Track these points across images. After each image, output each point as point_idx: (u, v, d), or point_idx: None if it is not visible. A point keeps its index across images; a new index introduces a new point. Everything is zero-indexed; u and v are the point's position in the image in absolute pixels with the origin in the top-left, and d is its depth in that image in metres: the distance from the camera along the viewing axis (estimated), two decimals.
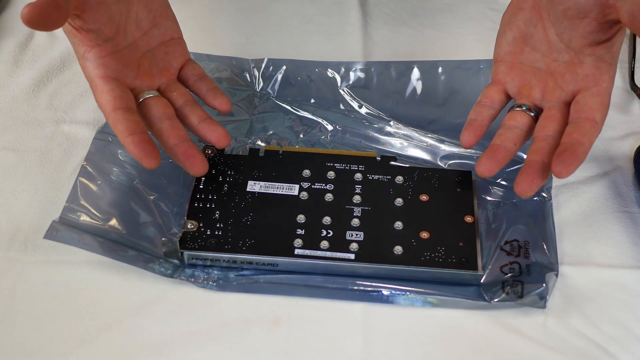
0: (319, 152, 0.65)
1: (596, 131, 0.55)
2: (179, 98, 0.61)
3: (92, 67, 0.58)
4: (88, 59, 0.58)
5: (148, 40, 0.61)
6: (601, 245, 0.60)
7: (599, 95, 0.56)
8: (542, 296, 0.55)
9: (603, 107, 0.56)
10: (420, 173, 0.63)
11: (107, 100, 0.57)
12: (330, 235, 0.58)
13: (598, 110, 0.55)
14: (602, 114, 0.56)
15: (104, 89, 0.57)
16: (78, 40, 0.58)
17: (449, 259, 0.57)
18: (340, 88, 0.70)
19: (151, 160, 0.55)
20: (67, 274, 0.57)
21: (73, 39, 0.58)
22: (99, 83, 0.57)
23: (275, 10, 0.80)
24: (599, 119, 0.55)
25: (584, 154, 0.54)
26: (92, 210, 0.60)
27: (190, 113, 0.61)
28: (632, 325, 0.55)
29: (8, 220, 0.61)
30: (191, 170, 0.58)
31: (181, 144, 0.58)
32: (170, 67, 0.62)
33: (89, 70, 0.58)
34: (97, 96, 0.58)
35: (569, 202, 0.63)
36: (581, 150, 0.53)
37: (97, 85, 0.58)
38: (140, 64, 0.60)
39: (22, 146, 0.66)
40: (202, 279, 0.57)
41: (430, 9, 0.81)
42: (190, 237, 0.57)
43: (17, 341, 0.54)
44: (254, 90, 0.70)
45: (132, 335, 0.54)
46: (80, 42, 0.58)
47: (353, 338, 0.54)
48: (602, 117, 0.55)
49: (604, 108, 0.56)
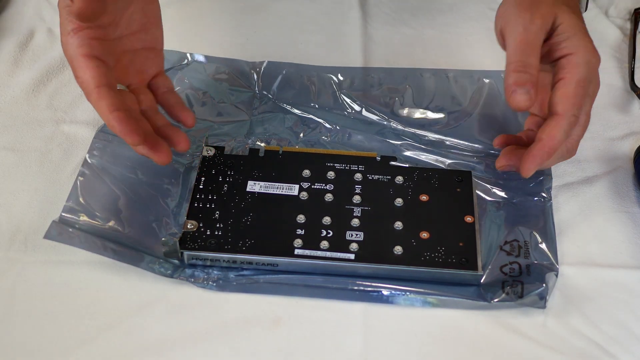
0: (318, 152, 0.65)
1: (558, 122, 0.56)
2: (145, 101, 0.61)
3: (77, 44, 0.57)
4: (74, 37, 0.57)
5: (133, 41, 0.61)
6: (601, 245, 0.60)
7: (563, 86, 0.57)
8: (542, 296, 0.55)
9: (565, 99, 0.56)
10: (420, 173, 0.63)
11: (92, 76, 0.56)
12: (330, 236, 0.58)
13: (560, 103, 0.56)
14: (565, 105, 0.56)
15: (88, 64, 0.56)
16: (72, 17, 0.57)
17: (449, 259, 0.57)
18: (341, 92, 0.70)
19: (135, 137, 0.55)
20: (67, 274, 0.57)
21: (67, 16, 0.57)
22: (82, 60, 0.57)
23: (275, 10, 0.80)
24: (561, 110, 0.56)
25: (540, 150, 0.56)
26: (91, 211, 0.60)
27: (153, 117, 0.61)
28: (632, 325, 0.55)
29: (8, 220, 0.61)
30: (156, 159, 0.58)
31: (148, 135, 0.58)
32: (145, 72, 0.62)
33: (72, 48, 0.57)
34: (80, 72, 0.57)
35: (569, 202, 0.63)
36: (537, 148, 0.56)
37: (79, 62, 0.57)
38: (120, 60, 0.60)
39: (22, 146, 0.66)
40: (202, 279, 0.57)
41: (430, 9, 0.81)
42: (190, 237, 0.57)
43: (17, 341, 0.54)
44: (254, 92, 0.70)
45: (132, 335, 0.54)
46: (74, 20, 0.57)
47: (353, 338, 0.54)
48: (564, 108, 0.56)
49: (566, 99, 0.56)
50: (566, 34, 0.58)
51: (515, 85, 0.56)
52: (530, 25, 0.57)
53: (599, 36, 0.79)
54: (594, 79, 0.58)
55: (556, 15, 0.58)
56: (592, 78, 0.58)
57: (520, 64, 0.57)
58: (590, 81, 0.58)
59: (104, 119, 0.56)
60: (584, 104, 0.58)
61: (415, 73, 0.71)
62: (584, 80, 0.57)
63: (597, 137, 0.68)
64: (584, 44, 0.57)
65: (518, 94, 0.56)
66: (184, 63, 0.71)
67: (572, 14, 0.58)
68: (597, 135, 0.69)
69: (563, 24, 0.58)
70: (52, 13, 0.78)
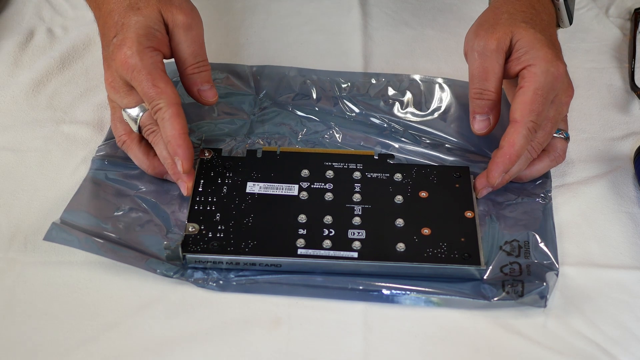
0: (316, 151, 0.65)
1: (516, 129, 0.58)
2: None
3: (158, 61, 0.59)
4: (153, 53, 0.59)
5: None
6: (601, 245, 0.60)
7: (521, 95, 0.59)
8: (543, 295, 0.55)
9: (522, 105, 0.58)
10: (418, 170, 0.63)
11: (175, 92, 0.58)
12: (332, 235, 0.58)
13: (517, 110, 0.59)
14: (522, 111, 0.58)
15: (169, 81, 0.59)
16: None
17: (451, 255, 0.57)
18: (340, 97, 0.70)
19: (190, 164, 0.58)
20: (66, 274, 0.57)
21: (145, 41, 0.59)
22: (164, 75, 0.59)
23: (275, 10, 0.80)
24: (519, 117, 0.58)
25: (502, 157, 0.58)
26: (91, 212, 0.60)
27: None
28: (632, 326, 0.55)
29: (8, 221, 0.61)
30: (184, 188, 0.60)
31: None
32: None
33: (153, 61, 0.58)
34: (161, 83, 0.58)
35: (569, 202, 0.63)
36: (499, 155, 0.59)
37: (162, 76, 0.58)
38: None
39: (22, 146, 0.66)
40: (202, 279, 0.57)
41: (430, 9, 0.81)
42: (192, 240, 0.57)
43: (17, 341, 0.54)
44: (254, 96, 0.70)
45: (132, 335, 0.54)
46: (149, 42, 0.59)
47: (353, 338, 0.54)
48: (522, 114, 0.58)
49: (523, 106, 0.58)
50: (524, 48, 0.60)
51: (474, 113, 0.62)
52: (485, 50, 0.61)
53: (599, 36, 0.79)
54: (559, 86, 0.60)
55: (513, 34, 0.61)
56: (554, 86, 0.59)
57: (478, 90, 0.61)
58: (552, 89, 0.59)
59: (171, 136, 0.57)
60: (544, 111, 0.59)
61: (414, 79, 0.71)
62: (542, 88, 0.59)
63: (597, 137, 0.68)
64: (542, 55, 0.59)
65: (477, 122, 0.62)
66: None
67: (529, 29, 0.61)
68: (597, 135, 0.69)
69: (521, 40, 0.60)
70: (52, 13, 0.78)
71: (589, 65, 0.76)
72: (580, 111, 0.70)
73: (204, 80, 0.62)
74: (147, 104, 0.58)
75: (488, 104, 0.61)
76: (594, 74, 0.74)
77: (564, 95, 0.61)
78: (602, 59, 0.76)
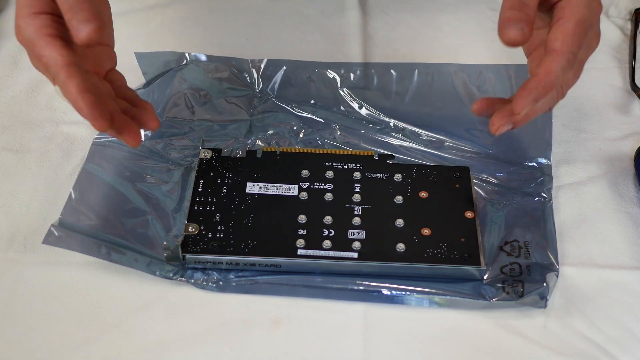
0: (316, 152, 0.65)
1: (555, 58, 0.52)
2: (105, 88, 0.57)
3: (41, 25, 0.52)
4: (36, 18, 0.53)
5: None
6: (601, 245, 0.60)
7: (562, 25, 0.53)
8: (543, 296, 0.55)
9: (564, 35, 0.52)
10: (418, 170, 0.63)
11: (60, 54, 0.52)
12: (332, 235, 0.58)
13: (558, 40, 0.52)
14: (564, 41, 0.52)
15: (54, 43, 0.52)
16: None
17: (451, 255, 0.57)
18: (340, 89, 0.70)
19: (103, 123, 0.51)
20: (66, 275, 0.57)
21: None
22: (47, 39, 0.52)
23: (275, 10, 0.80)
24: (559, 46, 0.52)
25: (537, 84, 0.52)
26: (90, 214, 0.60)
27: (115, 101, 0.57)
28: (632, 327, 0.55)
29: (7, 221, 0.61)
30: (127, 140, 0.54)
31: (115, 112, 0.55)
32: (101, 64, 0.58)
33: (33, 29, 0.53)
34: (45, 50, 0.52)
35: (569, 202, 0.63)
36: (533, 82, 0.52)
37: (44, 41, 0.52)
38: (77, 48, 0.55)
39: (22, 146, 0.66)
40: (202, 280, 0.57)
41: (430, 9, 0.81)
42: (191, 240, 0.57)
43: (17, 342, 0.54)
44: (254, 91, 0.70)
45: (131, 336, 0.54)
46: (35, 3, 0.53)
47: (353, 339, 0.54)
48: (563, 44, 0.52)
49: (565, 36, 0.52)
50: None
51: (508, 21, 0.52)
52: None
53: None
54: (594, 27, 0.55)
55: None
56: (592, 23, 0.54)
57: (517, 1, 0.53)
58: (590, 26, 0.54)
59: (71, 100, 0.52)
60: (582, 46, 0.54)
61: (416, 68, 0.71)
62: (584, 21, 0.53)
63: (597, 137, 0.68)
64: None
65: (511, 28, 0.52)
66: (183, 64, 0.71)
67: None
68: (597, 135, 0.69)
69: None
70: None
71: (589, 65, 0.75)
72: (580, 111, 0.70)
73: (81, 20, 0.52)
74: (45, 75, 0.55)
75: (526, 17, 0.52)
76: (594, 74, 0.74)
77: (595, 39, 0.56)
78: (602, 59, 0.76)
